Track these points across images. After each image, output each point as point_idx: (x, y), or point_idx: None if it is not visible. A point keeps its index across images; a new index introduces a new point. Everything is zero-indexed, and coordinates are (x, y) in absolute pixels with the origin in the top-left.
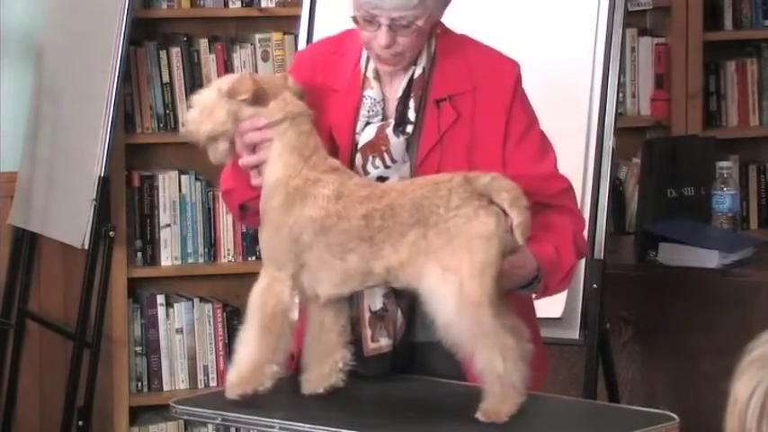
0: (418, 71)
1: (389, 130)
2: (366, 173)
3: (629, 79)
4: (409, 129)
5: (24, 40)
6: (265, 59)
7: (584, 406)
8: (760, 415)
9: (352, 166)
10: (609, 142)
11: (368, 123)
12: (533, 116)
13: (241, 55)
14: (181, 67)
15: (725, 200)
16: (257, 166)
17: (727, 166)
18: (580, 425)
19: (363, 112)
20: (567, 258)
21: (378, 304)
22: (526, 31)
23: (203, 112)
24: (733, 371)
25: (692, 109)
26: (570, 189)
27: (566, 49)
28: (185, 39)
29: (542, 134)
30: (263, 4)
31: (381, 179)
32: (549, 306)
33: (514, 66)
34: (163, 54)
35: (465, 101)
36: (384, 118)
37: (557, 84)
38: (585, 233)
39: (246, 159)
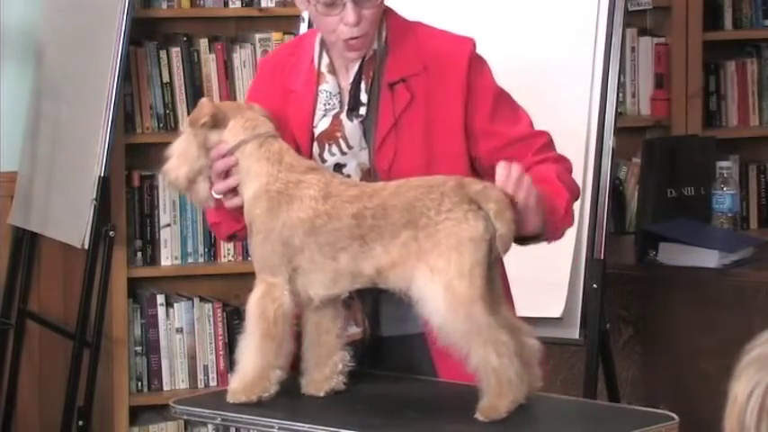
0: (369, 53)
1: (343, 116)
2: (323, 161)
3: (629, 79)
4: (362, 111)
5: (24, 39)
6: (261, 61)
7: (585, 406)
8: (759, 415)
9: (310, 158)
10: (609, 142)
11: (324, 116)
12: (497, 86)
13: (241, 55)
14: (181, 66)
15: (725, 200)
16: (233, 190)
17: (727, 166)
18: (580, 425)
19: (320, 106)
20: (561, 199)
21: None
22: (526, 30)
23: (179, 158)
24: (733, 371)
25: (692, 109)
26: (550, 142)
27: (566, 49)
28: (185, 39)
29: (509, 99)
30: (263, 4)
31: (339, 166)
32: (549, 306)
33: (467, 42)
34: (163, 54)
35: (418, 82)
36: (341, 108)
37: (557, 84)
38: (578, 206)
39: (217, 186)
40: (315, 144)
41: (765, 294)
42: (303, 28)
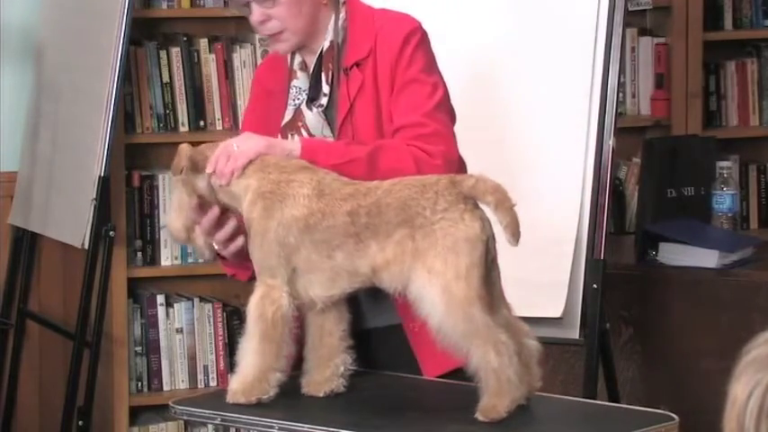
0: (326, 45)
1: (303, 106)
2: None
3: (629, 79)
4: (323, 101)
5: (24, 39)
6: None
7: (585, 406)
8: (758, 415)
9: None
10: (609, 142)
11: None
12: (418, 74)
13: (241, 55)
14: (181, 66)
15: (725, 200)
16: (230, 239)
17: (727, 166)
18: (580, 425)
19: (290, 101)
20: (351, 150)
21: None
22: (526, 31)
23: (175, 211)
24: (732, 371)
25: (692, 109)
26: (436, 135)
27: (566, 49)
28: (185, 39)
29: (426, 92)
30: None
31: None
32: (549, 306)
33: (409, 23)
34: (163, 54)
35: (368, 65)
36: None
37: (557, 84)
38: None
39: (217, 236)
40: (279, 136)
41: (765, 294)
42: None
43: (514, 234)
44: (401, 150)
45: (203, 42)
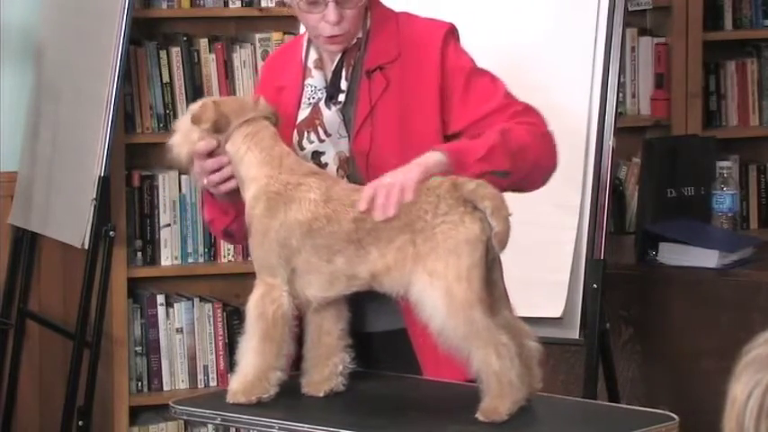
0: (352, 42)
1: (321, 103)
2: (302, 149)
3: (629, 79)
4: (341, 98)
5: (24, 39)
6: (265, 59)
7: (585, 406)
8: (758, 415)
9: (290, 146)
10: (609, 142)
11: (307, 108)
12: (470, 64)
13: (241, 55)
14: (181, 66)
15: (725, 200)
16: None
17: (727, 166)
18: (580, 425)
19: (305, 99)
20: (484, 141)
21: None
22: (526, 31)
23: (182, 136)
24: (732, 371)
25: (692, 109)
26: (528, 110)
27: (566, 49)
28: (185, 39)
29: (483, 75)
30: (263, 4)
31: (317, 154)
32: (549, 306)
33: (442, 26)
34: (163, 54)
35: (394, 69)
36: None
37: (556, 84)
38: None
39: (212, 178)
40: (295, 132)
41: (765, 294)
42: (303, 28)
43: (502, 242)
44: (516, 128)
45: (203, 42)
